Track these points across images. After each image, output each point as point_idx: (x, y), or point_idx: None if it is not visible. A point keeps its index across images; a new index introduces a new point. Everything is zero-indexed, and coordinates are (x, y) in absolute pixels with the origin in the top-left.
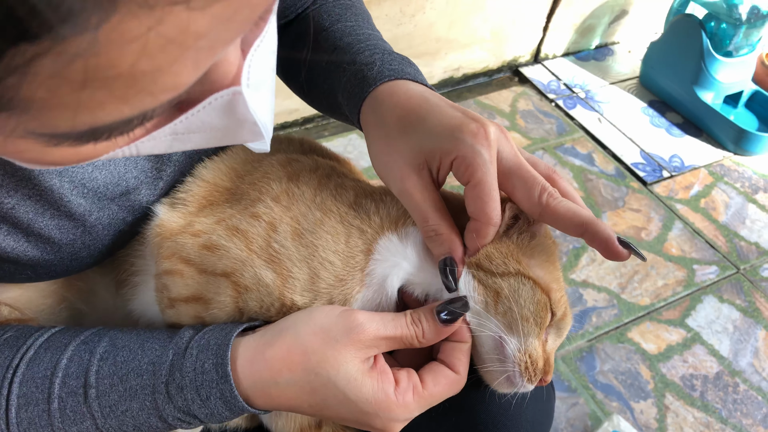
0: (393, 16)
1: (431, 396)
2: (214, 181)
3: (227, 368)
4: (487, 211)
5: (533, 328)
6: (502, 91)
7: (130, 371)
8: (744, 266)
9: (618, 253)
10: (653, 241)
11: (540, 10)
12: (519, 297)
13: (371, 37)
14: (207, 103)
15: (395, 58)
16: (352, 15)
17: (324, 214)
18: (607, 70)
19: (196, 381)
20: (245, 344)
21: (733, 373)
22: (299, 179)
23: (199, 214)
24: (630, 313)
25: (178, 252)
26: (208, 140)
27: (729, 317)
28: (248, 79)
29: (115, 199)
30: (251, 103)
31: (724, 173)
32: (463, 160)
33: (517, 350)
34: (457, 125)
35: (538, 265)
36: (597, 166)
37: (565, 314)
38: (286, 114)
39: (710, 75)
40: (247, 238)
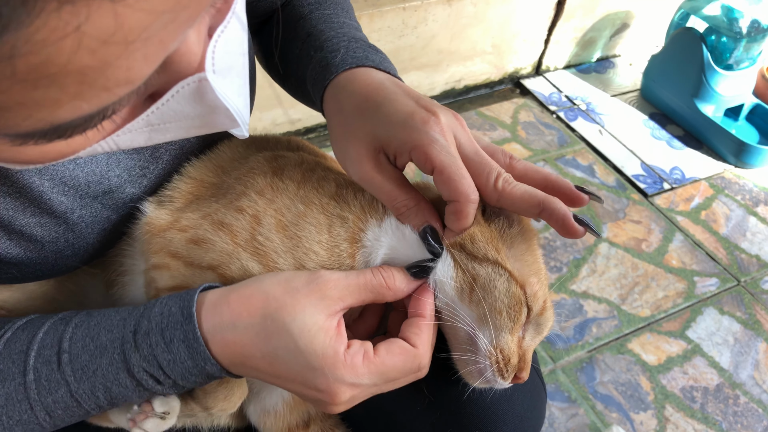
0: (395, 27)
1: (383, 365)
2: (201, 177)
3: (192, 309)
4: (462, 189)
5: (506, 322)
6: (503, 102)
7: (101, 330)
8: (745, 279)
9: (574, 230)
10: (654, 253)
11: (541, 23)
12: (494, 288)
13: (344, 25)
14: (174, 92)
15: (360, 46)
16: (331, 3)
17: (306, 207)
18: (608, 82)
19: (161, 324)
20: (213, 292)
21: (734, 385)
22: (283, 173)
23: (186, 210)
24: (630, 325)
25: (166, 247)
26: (186, 129)
27: (729, 329)
28: (213, 65)
29: (98, 197)
30: (218, 88)
31: (724, 186)
32: (420, 149)
33: (488, 343)
34: (409, 113)
35: (516, 256)
36: (598, 178)
37: (543, 309)
38: (289, 123)
39: (711, 88)
40: (232, 231)
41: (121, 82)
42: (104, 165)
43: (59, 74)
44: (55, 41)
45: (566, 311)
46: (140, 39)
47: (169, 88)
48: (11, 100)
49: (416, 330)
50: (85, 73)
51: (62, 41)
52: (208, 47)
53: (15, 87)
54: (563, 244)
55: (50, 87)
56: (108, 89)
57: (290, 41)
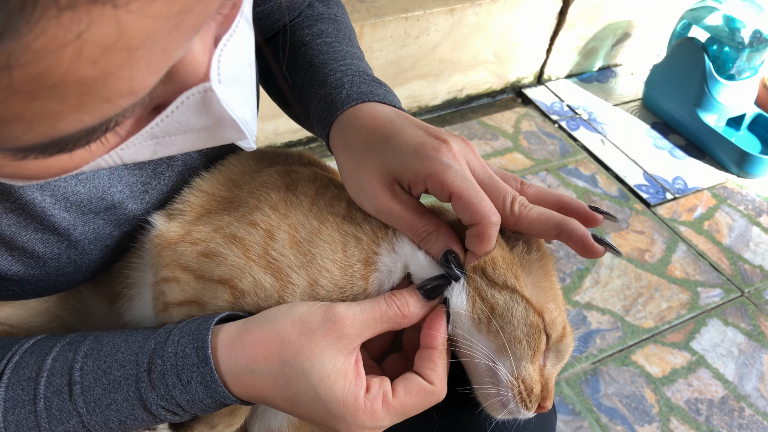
0: (398, 37)
1: (402, 405)
2: (212, 191)
3: (207, 351)
4: (483, 211)
5: (527, 351)
6: (505, 112)
7: (113, 363)
8: (748, 289)
9: (594, 250)
10: (657, 264)
11: (543, 32)
12: (512, 317)
13: (347, 55)
14: (179, 102)
15: (365, 80)
16: (332, 30)
17: (321, 223)
18: (610, 91)
19: (176, 366)
20: (226, 330)
21: (739, 397)
22: (297, 189)
23: (197, 223)
24: (634, 336)
25: (177, 260)
26: (192, 142)
27: (734, 341)
28: (219, 75)
29: (100, 213)
30: (224, 98)
31: (727, 195)
32: (435, 176)
33: (509, 374)
34: (419, 143)
35: (534, 282)
36: (600, 188)
37: (563, 336)
38: (290, 133)
39: (713, 98)
40: (245, 245)
41: (123, 93)
42: (106, 181)
43: (59, 85)
44: (54, 50)
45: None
46: (143, 47)
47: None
48: (10, 113)
49: (431, 364)
50: (86, 83)
51: (62, 50)
52: (213, 56)
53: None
54: (566, 255)
55: (50, 99)
56: (110, 100)
57: (291, 69)
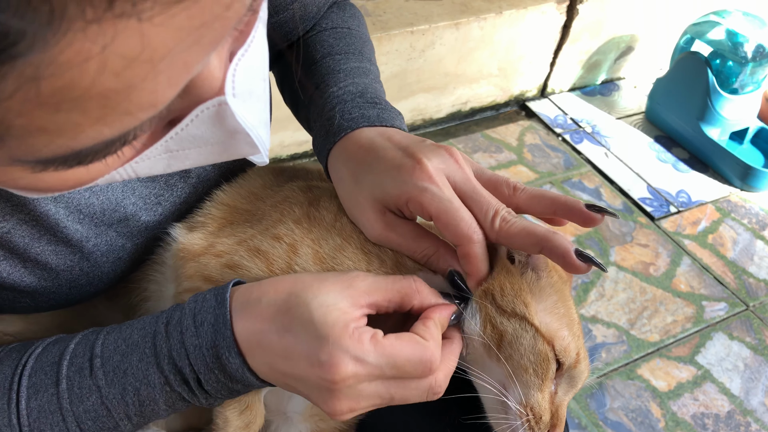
0: (403, 51)
1: (391, 347)
2: (234, 203)
3: (226, 295)
4: (462, 232)
5: (534, 379)
6: (509, 125)
7: (134, 329)
8: (753, 303)
9: (576, 266)
10: (661, 277)
11: (547, 46)
12: (519, 345)
13: (351, 73)
14: (194, 116)
15: (357, 104)
16: (343, 46)
17: (344, 240)
18: (614, 105)
19: (194, 309)
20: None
21: (745, 412)
22: (319, 204)
23: (220, 235)
24: (639, 350)
25: (201, 271)
26: (206, 156)
27: (739, 355)
28: (233, 89)
29: (113, 225)
30: (238, 112)
31: (731, 209)
32: (414, 201)
33: (518, 403)
34: (396, 167)
35: (546, 309)
36: (605, 201)
37: (577, 363)
38: (296, 146)
39: (716, 112)
40: (269, 259)
41: (144, 106)
42: (120, 193)
43: (82, 97)
44: (79, 63)
45: None
46: (165, 61)
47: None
48: (33, 125)
49: (430, 325)
50: (108, 96)
51: (87, 63)
52: (228, 70)
53: (37, 111)
54: None
55: (72, 111)
56: (131, 113)
57: (303, 85)
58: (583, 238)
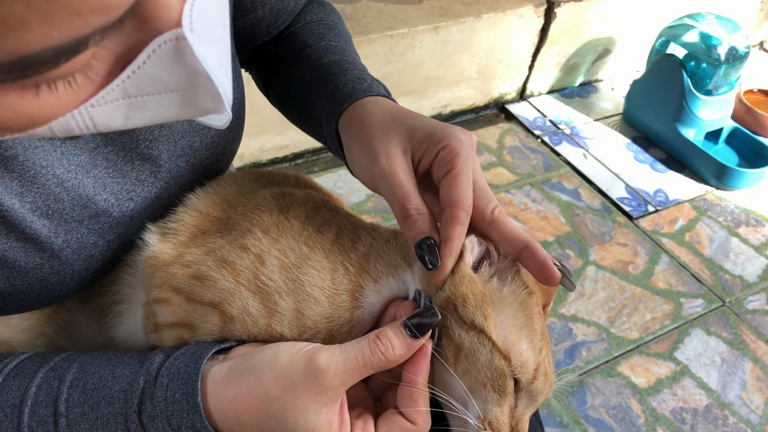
0: (383, 54)
1: None
2: (207, 210)
3: (197, 398)
4: (462, 194)
5: (492, 395)
6: (489, 127)
7: (101, 399)
8: (729, 299)
9: (552, 273)
10: (640, 275)
11: (526, 49)
12: (476, 360)
13: (356, 61)
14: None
15: (383, 85)
16: (335, 36)
17: (310, 249)
18: (592, 106)
19: (167, 411)
20: (212, 377)
21: (723, 405)
22: (290, 212)
23: (191, 244)
24: (619, 347)
25: (169, 281)
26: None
27: (716, 350)
28: (191, 23)
29: (84, 222)
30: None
31: (707, 207)
32: (451, 150)
33: (476, 418)
34: (446, 126)
35: (506, 321)
36: (583, 201)
37: (534, 378)
38: (277, 150)
39: (692, 112)
40: (235, 269)
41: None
42: (90, 188)
43: None
44: None
45: (556, 335)
46: None
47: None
48: None
49: (412, 404)
50: None
51: None
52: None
53: None
54: None
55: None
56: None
57: (294, 67)
58: (563, 238)
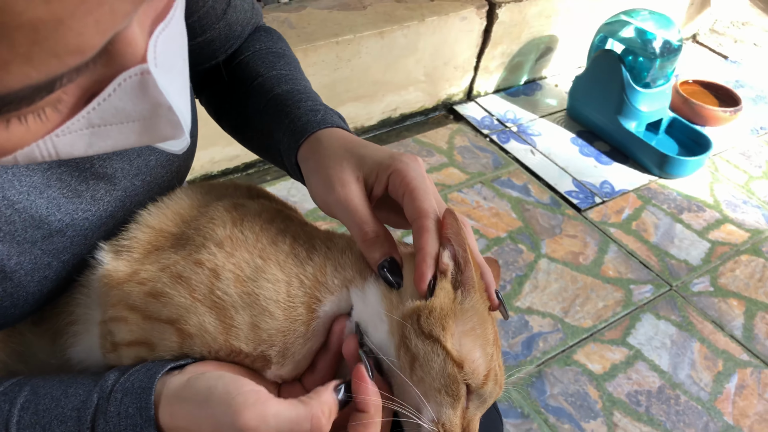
0: (330, 61)
1: None
2: (160, 226)
3: (150, 412)
4: (426, 206)
5: (446, 398)
6: (438, 129)
7: (53, 419)
8: (676, 283)
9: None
10: (591, 265)
11: (470, 51)
12: (431, 369)
13: (308, 89)
14: (116, 84)
15: (336, 114)
16: (284, 64)
17: (264, 262)
18: (537, 104)
19: (119, 425)
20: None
21: (674, 386)
22: (243, 224)
23: (145, 261)
24: (574, 336)
25: (124, 300)
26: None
27: (666, 333)
28: (155, 59)
29: (38, 243)
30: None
31: (651, 196)
32: (399, 173)
33: (430, 421)
34: (393, 153)
35: (464, 332)
36: (533, 197)
37: (484, 383)
38: (227, 161)
39: (632, 105)
40: (191, 285)
41: (71, 48)
42: (44, 209)
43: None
44: None
45: (513, 328)
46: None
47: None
48: None
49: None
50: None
51: None
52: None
53: None
54: (505, 263)
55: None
56: (58, 56)
57: (247, 97)
58: (515, 233)
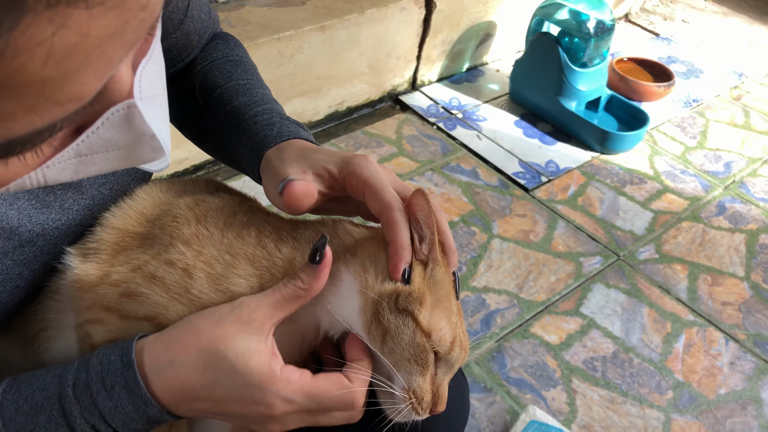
0: (272, 58)
1: (318, 387)
2: (125, 227)
3: (131, 355)
4: (387, 199)
5: (415, 367)
6: (386, 119)
7: (35, 390)
8: (623, 253)
9: None
10: (541, 242)
11: (411, 41)
12: (401, 340)
13: (265, 97)
14: (105, 118)
15: (292, 123)
16: (242, 72)
17: (233, 258)
18: (480, 90)
19: (101, 373)
20: (146, 339)
21: (627, 350)
22: (207, 220)
23: (114, 263)
24: (530, 310)
25: (99, 302)
26: (112, 161)
27: (617, 300)
28: (140, 92)
29: (9, 254)
30: (146, 114)
31: (595, 172)
32: (353, 175)
33: (401, 389)
34: (344, 156)
35: (433, 303)
36: (482, 180)
37: (450, 349)
38: (176, 164)
39: (571, 85)
40: (165, 284)
41: (72, 98)
42: (15, 221)
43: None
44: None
45: (471, 307)
46: (95, 53)
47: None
48: None
49: (353, 370)
50: (45, 84)
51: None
52: (135, 75)
53: None
54: (459, 246)
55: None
56: (60, 104)
57: (206, 110)
58: (467, 216)
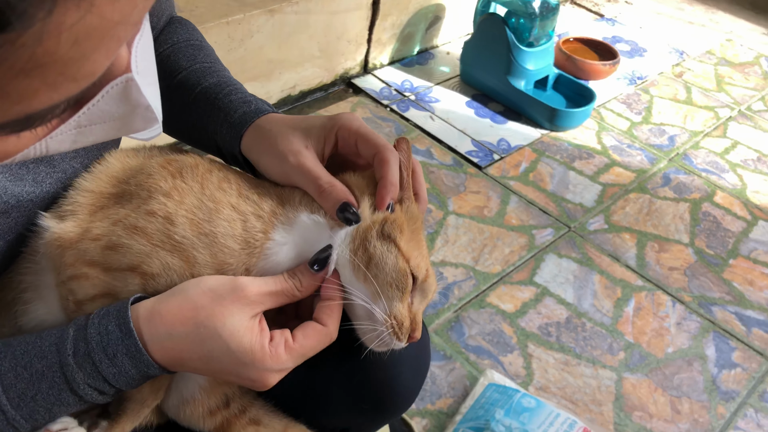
0: (222, 42)
1: (302, 348)
2: (98, 189)
3: (130, 325)
4: (380, 141)
5: (396, 292)
6: (339, 103)
7: (33, 357)
8: (573, 224)
9: None
10: (495, 216)
11: (361, 24)
12: (385, 265)
13: (232, 79)
14: (105, 91)
15: (263, 101)
16: (205, 56)
17: (216, 204)
18: (431, 72)
19: (102, 342)
20: (143, 305)
21: (579, 315)
22: (183, 176)
23: (93, 220)
24: (486, 281)
25: (81, 257)
26: (107, 131)
27: (569, 269)
28: (137, 67)
29: None
30: (142, 86)
31: (545, 149)
32: (344, 128)
33: (384, 313)
34: (331, 115)
35: (408, 234)
36: (436, 159)
37: (426, 277)
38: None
39: (519, 65)
40: (147, 233)
41: (87, 75)
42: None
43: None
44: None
45: None
46: (109, 34)
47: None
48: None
49: (328, 312)
50: (67, 64)
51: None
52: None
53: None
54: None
55: (36, 77)
56: (76, 80)
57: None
58: None
